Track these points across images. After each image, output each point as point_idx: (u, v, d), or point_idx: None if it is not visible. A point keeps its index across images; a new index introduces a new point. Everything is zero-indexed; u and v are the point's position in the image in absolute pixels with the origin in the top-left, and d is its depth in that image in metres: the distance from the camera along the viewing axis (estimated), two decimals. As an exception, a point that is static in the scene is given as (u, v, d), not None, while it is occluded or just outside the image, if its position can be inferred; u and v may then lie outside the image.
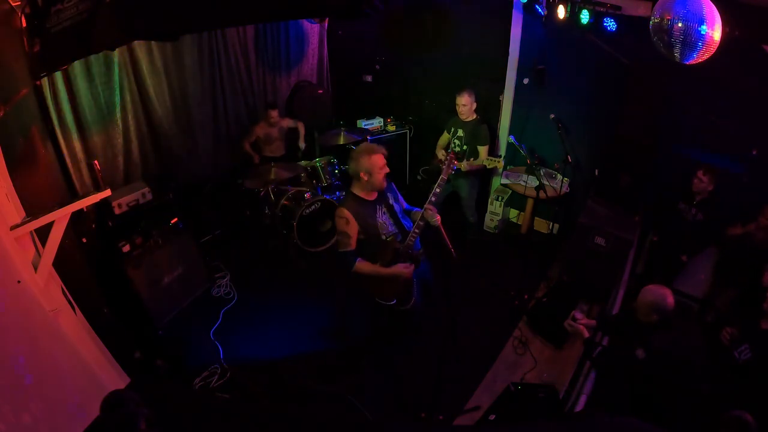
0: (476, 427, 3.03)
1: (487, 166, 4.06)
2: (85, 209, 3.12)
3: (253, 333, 3.72)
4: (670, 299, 2.43)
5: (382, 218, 2.83)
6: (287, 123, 4.99)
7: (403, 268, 2.83)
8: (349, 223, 2.71)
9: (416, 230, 2.82)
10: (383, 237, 2.82)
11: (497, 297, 4.14)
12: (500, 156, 4.49)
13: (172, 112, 4.45)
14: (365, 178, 2.71)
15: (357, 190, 2.80)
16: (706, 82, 3.50)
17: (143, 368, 3.17)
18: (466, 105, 4.09)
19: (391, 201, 2.89)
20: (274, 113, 4.77)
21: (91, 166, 3.60)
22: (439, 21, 4.93)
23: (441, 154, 4.40)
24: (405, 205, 3.05)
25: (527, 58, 4.41)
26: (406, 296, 2.97)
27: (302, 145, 5.07)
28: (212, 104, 4.81)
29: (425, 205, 2.81)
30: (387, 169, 2.75)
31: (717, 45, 2.15)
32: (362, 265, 2.77)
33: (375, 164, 2.69)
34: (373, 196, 2.80)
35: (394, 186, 2.99)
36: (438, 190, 2.83)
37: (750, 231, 3.39)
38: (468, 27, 4.78)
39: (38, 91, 3.24)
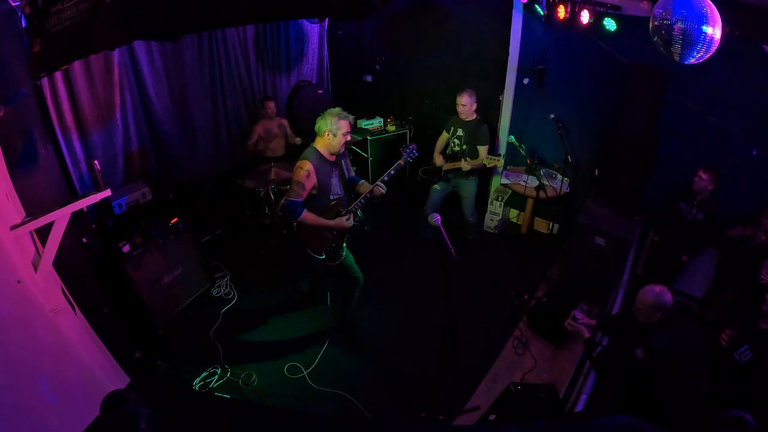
0: (476, 427, 3.03)
1: (487, 165, 4.06)
2: (85, 209, 3.12)
3: (253, 333, 3.73)
4: (669, 296, 2.43)
5: (334, 180, 3.07)
6: (285, 123, 5.00)
7: (344, 221, 3.07)
8: (309, 176, 2.90)
9: (362, 200, 3.10)
10: (331, 198, 3.05)
11: (497, 297, 4.14)
12: (500, 155, 4.50)
13: (172, 112, 4.45)
14: (328, 138, 2.93)
15: (320, 147, 3.00)
16: (705, 82, 3.51)
17: (143, 368, 3.18)
18: (465, 105, 4.09)
19: (344, 168, 3.15)
20: (271, 104, 4.80)
21: (91, 166, 3.61)
22: (439, 21, 4.94)
23: (438, 159, 4.40)
24: (352, 173, 3.32)
25: (527, 58, 4.41)
26: (334, 254, 3.19)
27: (297, 140, 4.95)
28: (212, 104, 4.81)
29: (377, 182, 3.09)
30: (349, 137, 2.99)
31: (717, 45, 2.15)
32: (308, 216, 2.97)
33: (341, 127, 2.91)
34: (332, 159, 3.03)
35: (347, 155, 3.29)
36: (393, 172, 3.12)
37: (750, 233, 3.39)
38: (468, 27, 4.78)
39: (38, 91, 3.24)
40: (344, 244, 3.27)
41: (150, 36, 2.53)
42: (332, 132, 2.91)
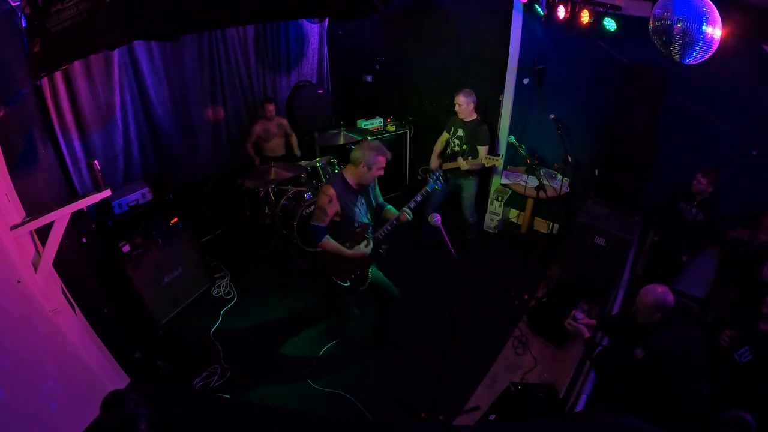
0: (476, 427, 3.03)
1: (486, 165, 4.06)
2: (85, 209, 3.12)
3: (253, 333, 3.73)
4: (670, 296, 2.43)
5: (360, 208, 3.01)
6: (285, 123, 5.01)
7: (362, 249, 3.01)
8: (331, 203, 2.86)
9: (388, 227, 3.05)
10: (355, 225, 2.99)
11: (497, 297, 4.14)
12: (499, 154, 4.50)
13: (172, 112, 4.45)
14: (362, 169, 2.87)
15: (348, 175, 2.95)
16: (705, 82, 3.51)
17: (143, 368, 3.18)
18: (461, 105, 4.10)
19: (371, 196, 3.10)
20: (271, 107, 4.82)
21: (91, 166, 3.61)
22: (439, 21, 4.93)
23: (435, 162, 4.40)
24: (380, 199, 3.24)
25: (527, 58, 4.41)
26: (360, 280, 3.13)
27: (297, 152, 5.15)
28: (212, 104, 4.81)
29: (403, 209, 3.01)
30: (382, 173, 2.93)
31: (716, 45, 2.15)
32: (328, 243, 2.94)
33: (377, 163, 2.86)
34: (358, 187, 2.97)
35: (377, 183, 3.19)
36: (419, 198, 3.04)
37: (748, 235, 3.39)
38: (468, 27, 4.78)
39: (38, 91, 3.24)
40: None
41: (150, 36, 2.53)
42: (368, 165, 2.85)
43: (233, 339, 3.65)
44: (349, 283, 3.12)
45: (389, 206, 3.22)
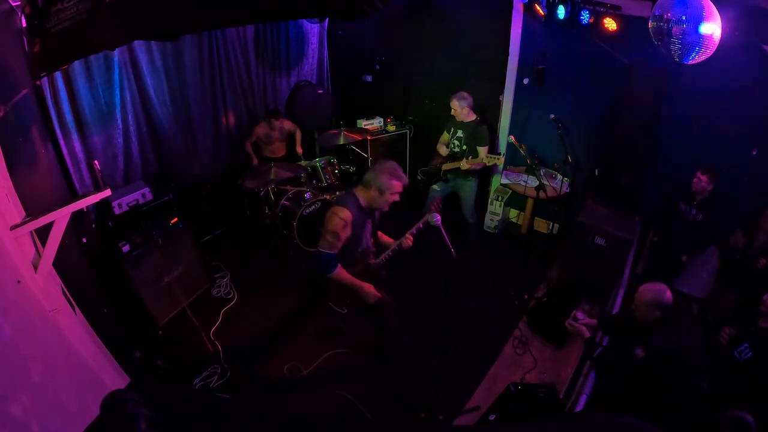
0: (476, 427, 3.03)
1: (487, 164, 4.05)
2: (85, 209, 3.12)
3: (253, 333, 3.72)
4: (669, 293, 2.43)
5: (367, 231, 2.86)
6: (288, 126, 5.01)
7: (373, 290, 2.81)
8: (345, 228, 2.64)
9: (390, 253, 2.90)
10: (359, 250, 2.84)
11: (497, 297, 4.14)
12: (500, 153, 4.50)
13: (172, 112, 4.46)
14: (375, 194, 2.67)
15: (360, 196, 2.73)
16: (705, 82, 3.51)
17: (143, 368, 3.17)
18: (455, 109, 4.11)
19: (377, 219, 2.93)
20: (277, 123, 4.84)
21: (91, 166, 3.61)
22: (439, 21, 4.94)
23: (442, 150, 4.40)
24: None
25: (527, 58, 4.41)
26: (357, 306, 2.96)
27: (299, 150, 5.12)
28: (212, 104, 4.81)
29: (406, 234, 2.85)
30: (398, 198, 2.70)
31: (716, 45, 2.15)
32: (342, 273, 2.71)
33: (390, 188, 2.64)
34: (369, 210, 2.80)
35: None
36: (421, 226, 2.82)
37: (746, 240, 3.39)
38: (468, 27, 4.78)
39: (38, 91, 3.24)
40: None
41: (150, 36, 2.52)
42: (379, 189, 2.63)
43: (233, 339, 3.65)
44: (346, 311, 2.97)
45: (386, 237, 3.09)
